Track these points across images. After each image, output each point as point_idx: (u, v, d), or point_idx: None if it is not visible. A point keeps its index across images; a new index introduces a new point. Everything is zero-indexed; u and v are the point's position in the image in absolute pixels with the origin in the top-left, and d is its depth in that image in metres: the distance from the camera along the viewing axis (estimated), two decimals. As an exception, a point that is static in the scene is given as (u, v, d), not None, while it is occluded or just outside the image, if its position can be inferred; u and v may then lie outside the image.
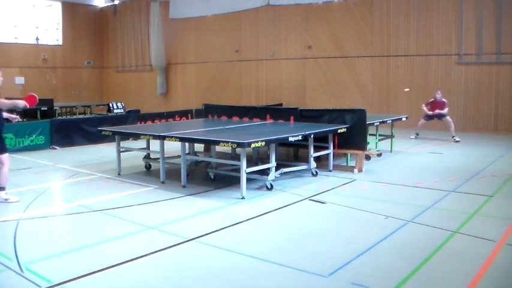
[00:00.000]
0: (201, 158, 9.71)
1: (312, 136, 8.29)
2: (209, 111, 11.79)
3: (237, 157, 8.67)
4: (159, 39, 23.99)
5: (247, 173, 7.06)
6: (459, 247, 4.99)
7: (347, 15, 17.99)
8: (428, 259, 4.62)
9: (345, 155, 9.58)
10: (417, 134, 13.75)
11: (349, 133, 8.97)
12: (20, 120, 8.06)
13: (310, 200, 7.00)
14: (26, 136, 11.95)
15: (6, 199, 6.79)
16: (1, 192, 6.80)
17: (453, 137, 13.11)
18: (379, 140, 11.32)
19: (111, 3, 26.95)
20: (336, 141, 9.12)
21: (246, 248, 4.97)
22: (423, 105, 13.63)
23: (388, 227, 5.61)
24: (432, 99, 13.51)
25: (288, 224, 5.96)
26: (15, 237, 5.35)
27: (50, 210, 6.59)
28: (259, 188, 7.67)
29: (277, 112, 10.71)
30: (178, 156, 8.44)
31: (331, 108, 10.08)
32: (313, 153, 8.62)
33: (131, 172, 9.18)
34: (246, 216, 6.19)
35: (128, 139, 10.75)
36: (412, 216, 6.05)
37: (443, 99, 13.38)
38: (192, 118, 14.15)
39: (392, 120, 11.29)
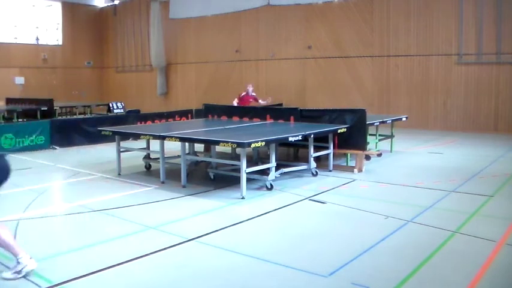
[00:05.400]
0: (201, 158, 9.70)
1: (312, 136, 8.29)
2: (209, 111, 11.79)
3: (237, 157, 8.67)
4: (159, 39, 24.00)
5: (247, 173, 7.05)
6: (459, 247, 4.99)
7: (347, 15, 17.99)
8: (428, 259, 4.62)
9: (345, 155, 9.58)
10: None
11: (349, 133, 8.97)
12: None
13: (310, 200, 7.00)
14: (26, 136, 11.94)
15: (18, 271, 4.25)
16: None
17: None
18: (379, 140, 11.32)
19: (111, 3, 26.95)
20: (336, 141, 9.12)
21: (246, 248, 4.97)
22: (235, 100, 13.19)
23: (388, 227, 5.61)
24: (244, 93, 13.24)
25: (288, 224, 5.96)
26: (15, 237, 5.34)
27: (50, 210, 6.59)
28: (259, 188, 7.67)
29: (277, 112, 10.71)
30: (178, 156, 8.43)
31: (331, 108, 10.08)
32: (313, 153, 8.62)
33: (131, 172, 9.18)
34: (246, 216, 6.19)
35: (128, 139, 10.74)
36: (412, 216, 6.05)
37: (254, 94, 13.34)
38: (192, 118, 14.14)
39: (392, 120, 11.29)
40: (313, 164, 8.64)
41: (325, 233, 5.57)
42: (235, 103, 13.03)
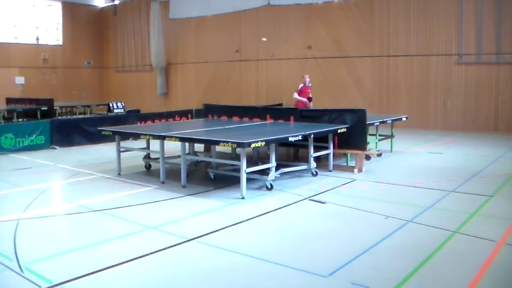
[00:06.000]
0: (201, 158, 9.71)
1: (312, 136, 8.29)
2: (209, 111, 11.79)
3: (237, 157, 8.67)
4: (159, 39, 24.00)
5: (247, 173, 7.05)
6: (459, 247, 4.99)
7: (347, 15, 17.99)
8: (428, 259, 4.62)
9: (345, 155, 9.58)
10: None
11: (349, 133, 8.97)
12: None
13: (310, 200, 7.00)
14: (26, 136, 11.95)
15: None
16: None
17: None
18: (379, 140, 11.32)
19: (111, 3, 26.95)
20: (336, 141, 9.12)
21: (246, 248, 4.97)
22: (295, 94, 12.44)
23: (388, 227, 5.61)
24: (302, 85, 12.47)
25: (288, 224, 5.96)
26: (15, 237, 5.35)
27: (50, 210, 6.59)
28: (259, 188, 7.67)
29: (277, 112, 10.71)
30: (178, 156, 8.44)
31: (331, 108, 10.08)
32: (313, 153, 8.62)
33: (131, 172, 9.18)
34: (246, 216, 6.19)
35: (128, 139, 10.75)
36: (412, 216, 6.05)
37: (310, 84, 12.62)
38: (192, 118, 14.15)
39: (392, 120, 11.29)
40: (313, 164, 8.64)
41: (325, 233, 5.57)
42: (296, 96, 12.33)
